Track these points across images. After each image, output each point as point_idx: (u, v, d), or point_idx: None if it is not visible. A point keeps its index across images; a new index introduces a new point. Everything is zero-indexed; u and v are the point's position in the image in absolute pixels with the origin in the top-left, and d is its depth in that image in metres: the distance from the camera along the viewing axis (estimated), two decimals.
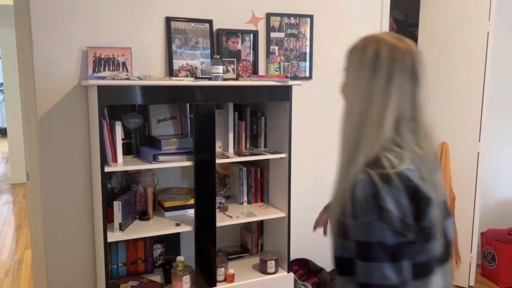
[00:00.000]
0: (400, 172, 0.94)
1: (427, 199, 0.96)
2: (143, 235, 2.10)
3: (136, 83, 1.95)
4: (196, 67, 2.45)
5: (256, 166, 2.55)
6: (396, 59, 0.99)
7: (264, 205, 2.52)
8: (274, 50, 2.66)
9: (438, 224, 0.98)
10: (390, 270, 0.92)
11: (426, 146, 1.00)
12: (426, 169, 0.98)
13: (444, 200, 1.03)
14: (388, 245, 0.91)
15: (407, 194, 0.93)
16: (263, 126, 2.53)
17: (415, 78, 0.99)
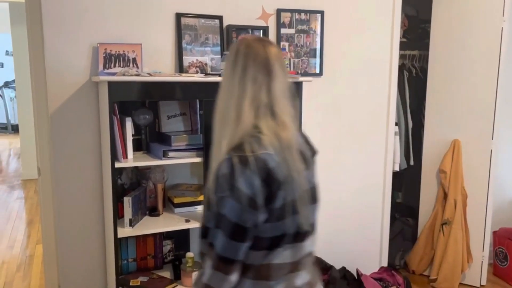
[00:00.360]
0: (258, 156, 1.07)
1: (280, 183, 1.08)
2: (153, 231, 2.10)
3: (146, 79, 1.95)
4: (206, 64, 2.45)
5: None
6: (250, 54, 1.13)
7: None
8: (284, 46, 2.64)
9: (291, 205, 1.11)
10: (225, 243, 1.08)
11: (286, 134, 1.12)
12: (288, 156, 1.10)
13: (313, 187, 1.20)
14: (229, 221, 1.06)
15: (260, 177, 1.06)
16: None
17: (269, 71, 1.13)
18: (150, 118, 2.21)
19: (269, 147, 1.09)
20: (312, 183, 1.23)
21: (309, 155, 1.24)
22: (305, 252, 1.18)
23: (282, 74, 1.16)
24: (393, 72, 2.97)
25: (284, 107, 1.14)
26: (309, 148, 1.28)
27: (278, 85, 1.14)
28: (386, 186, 3.07)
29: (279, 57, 1.17)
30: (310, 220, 1.19)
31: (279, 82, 1.14)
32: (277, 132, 1.11)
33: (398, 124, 3.28)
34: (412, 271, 3.33)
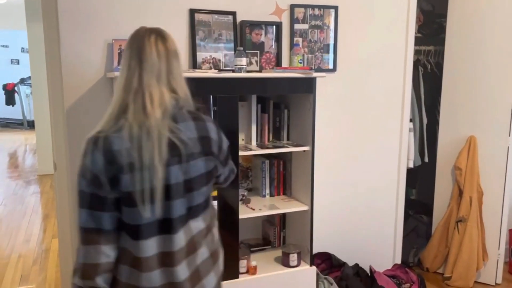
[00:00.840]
0: (107, 137, 1.16)
1: (122, 166, 1.15)
2: None
3: None
4: (220, 60, 2.45)
5: (278, 159, 2.54)
6: (130, 42, 1.25)
7: (286, 198, 2.51)
8: (298, 42, 2.63)
9: (142, 194, 1.15)
10: (87, 215, 1.16)
11: (150, 123, 1.16)
12: (144, 144, 1.16)
13: (171, 184, 1.19)
14: (85, 193, 1.16)
15: (104, 156, 1.15)
16: (286, 119, 2.51)
17: (141, 59, 1.20)
18: None
19: (124, 132, 1.16)
20: (189, 175, 1.23)
21: (191, 149, 1.23)
22: (178, 245, 1.23)
23: (159, 63, 1.21)
24: (407, 67, 2.94)
25: (155, 95, 1.19)
26: (201, 142, 1.26)
27: (150, 73, 1.20)
28: (400, 183, 3.04)
29: (161, 46, 1.23)
30: (176, 213, 1.22)
31: (151, 70, 1.20)
32: (140, 119, 1.17)
33: (412, 121, 3.25)
34: (426, 268, 3.30)
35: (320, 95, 2.70)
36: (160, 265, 1.22)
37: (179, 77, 1.28)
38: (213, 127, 1.32)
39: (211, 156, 1.30)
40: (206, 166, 1.28)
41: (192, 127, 1.25)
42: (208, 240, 1.33)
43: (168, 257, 1.23)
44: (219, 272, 1.38)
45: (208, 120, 1.32)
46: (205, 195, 1.32)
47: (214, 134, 1.31)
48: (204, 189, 1.30)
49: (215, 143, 1.31)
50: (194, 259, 1.28)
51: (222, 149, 1.35)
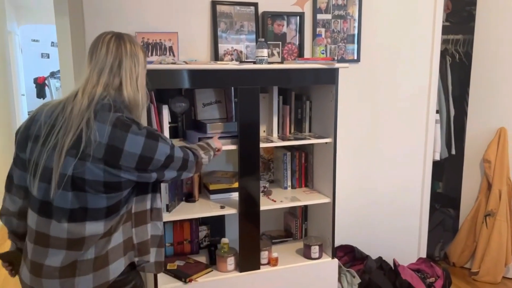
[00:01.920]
0: (41, 108, 1.36)
1: (28, 134, 1.33)
2: (189, 217, 2.14)
3: (182, 67, 1.97)
4: (241, 51, 2.45)
5: (300, 151, 2.53)
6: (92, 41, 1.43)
7: (308, 190, 2.50)
8: (320, 32, 2.60)
9: (32, 165, 1.31)
10: (11, 166, 1.41)
11: (69, 109, 1.29)
12: (53, 123, 1.30)
13: (60, 172, 1.26)
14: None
15: (27, 122, 1.36)
16: (308, 111, 2.49)
17: (91, 55, 1.38)
18: (186, 106, 2.24)
19: (52, 107, 1.33)
20: (82, 175, 1.27)
21: (91, 151, 1.26)
22: (56, 232, 1.31)
23: (105, 59, 1.35)
24: (434, 57, 2.86)
25: (89, 85, 1.33)
26: (107, 150, 1.27)
27: (94, 67, 1.35)
28: (425, 176, 2.98)
29: (113, 46, 1.37)
30: (59, 201, 1.29)
31: (95, 65, 1.35)
32: (67, 102, 1.32)
33: (439, 112, 3.17)
34: (453, 263, 3.24)
35: (343, 86, 2.67)
36: (34, 242, 1.34)
37: (130, 78, 1.37)
38: (136, 140, 1.30)
39: (116, 169, 1.29)
40: (104, 176, 1.28)
41: (106, 132, 1.26)
42: (100, 244, 1.35)
43: (43, 238, 1.32)
44: (101, 280, 1.36)
45: (134, 132, 1.30)
46: (108, 203, 1.33)
47: (134, 147, 1.30)
48: (103, 197, 1.31)
49: (131, 156, 1.29)
50: (73, 254, 1.32)
51: (152, 161, 1.34)
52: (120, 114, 1.32)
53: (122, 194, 1.36)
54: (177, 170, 1.47)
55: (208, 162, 1.69)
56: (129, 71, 1.37)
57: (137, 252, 1.45)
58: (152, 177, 1.39)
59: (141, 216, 1.47)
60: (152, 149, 1.33)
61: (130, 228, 1.43)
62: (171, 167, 1.43)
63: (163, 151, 1.36)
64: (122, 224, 1.41)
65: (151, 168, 1.35)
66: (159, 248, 1.53)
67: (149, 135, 1.33)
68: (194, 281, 2.12)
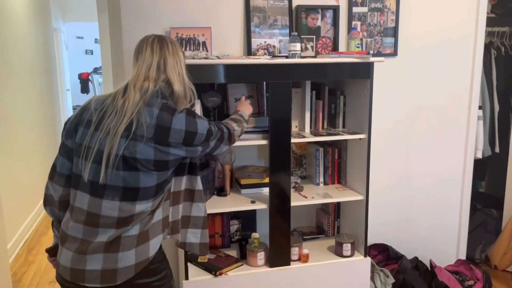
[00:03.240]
0: (94, 98, 1.47)
1: (80, 120, 1.43)
2: (219, 211, 2.16)
3: (215, 62, 1.98)
4: (274, 46, 2.43)
5: (333, 147, 2.49)
6: (136, 45, 1.54)
7: (341, 187, 2.46)
8: (356, 25, 2.54)
9: (84, 149, 1.39)
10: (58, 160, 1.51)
11: (119, 102, 1.40)
12: (105, 111, 1.41)
13: (111, 153, 1.35)
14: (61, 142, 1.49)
15: (80, 110, 1.46)
16: (342, 106, 2.44)
17: (138, 55, 1.51)
18: (218, 100, 2.25)
19: (102, 97, 1.45)
20: (134, 154, 1.36)
21: (142, 131, 1.36)
22: (104, 212, 1.39)
23: (151, 58, 1.47)
24: (477, 51, 2.73)
25: (139, 81, 1.43)
26: (156, 130, 1.37)
27: (142, 65, 1.47)
28: (466, 174, 2.86)
29: (157, 46, 1.49)
30: (108, 180, 1.37)
31: (143, 63, 1.47)
32: (117, 94, 1.42)
33: (482, 108, 3.03)
34: (494, 266, 3.10)
35: (379, 80, 2.60)
36: (85, 223, 1.40)
37: (175, 74, 1.49)
38: (180, 119, 1.41)
39: (166, 146, 1.39)
40: (155, 154, 1.38)
41: (154, 115, 1.38)
42: (145, 221, 1.44)
43: (94, 218, 1.40)
44: (142, 257, 1.43)
45: (177, 113, 1.42)
46: (158, 180, 1.43)
47: (179, 125, 1.41)
48: (153, 174, 1.40)
49: (178, 133, 1.40)
50: (120, 231, 1.40)
51: (196, 135, 1.45)
52: (166, 101, 1.44)
53: (167, 173, 1.46)
54: (216, 141, 1.58)
55: (241, 132, 1.80)
56: (173, 67, 1.50)
57: (169, 230, 1.56)
58: (198, 150, 1.50)
59: (176, 196, 1.57)
60: (194, 125, 1.45)
61: (168, 206, 1.54)
62: (211, 139, 1.54)
63: (203, 126, 1.49)
64: (163, 201, 1.51)
65: (196, 143, 1.46)
66: (203, 229, 1.63)
67: (189, 114, 1.46)
68: (224, 274, 2.13)
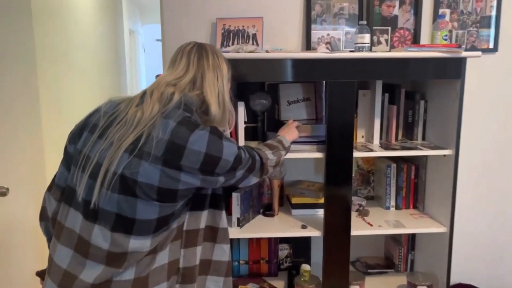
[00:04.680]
0: (104, 103, 1.23)
1: (86, 123, 1.19)
2: (261, 235, 1.80)
3: (260, 57, 1.63)
4: (339, 39, 2.03)
5: (409, 163, 2.02)
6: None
7: (417, 214, 1.98)
8: (444, 13, 2.05)
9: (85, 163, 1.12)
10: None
11: (135, 110, 1.13)
12: (112, 119, 1.15)
13: (109, 169, 1.07)
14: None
15: (87, 115, 1.23)
16: (422, 113, 1.97)
17: (171, 62, 1.31)
18: (267, 103, 1.90)
19: (116, 101, 1.21)
20: (134, 175, 1.07)
21: (150, 148, 1.07)
22: (94, 241, 1.10)
23: (187, 70, 1.24)
24: None
25: (158, 91, 1.17)
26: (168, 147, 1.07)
27: (169, 75, 1.23)
28: None
29: (195, 57, 1.26)
30: (102, 202, 1.09)
31: (172, 73, 1.24)
32: (132, 102, 1.17)
33: None
34: None
35: (472, 82, 2.08)
36: (75, 248, 1.12)
37: (213, 91, 1.24)
38: (201, 138, 1.10)
39: (176, 170, 1.08)
40: (160, 180, 1.07)
41: (169, 128, 1.09)
42: (143, 263, 1.13)
43: (84, 245, 1.10)
44: None
45: (199, 129, 1.12)
46: (160, 213, 1.11)
47: (199, 145, 1.10)
48: (154, 205, 1.09)
49: (195, 155, 1.09)
50: (110, 272, 1.09)
51: (220, 162, 1.13)
52: (189, 115, 1.15)
53: (175, 206, 1.13)
54: (244, 171, 1.23)
55: (279, 163, 1.41)
56: (212, 84, 1.25)
57: (180, 278, 1.20)
58: (218, 181, 1.17)
59: (192, 236, 1.23)
60: (218, 147, 1.13)
61: (179, 248, 1.20)
62: (239, 168, 1.21)
63: (231, 150, 1.16)
64: (170, 241, 1.18)
65: (218, 171, 1.14)
66: (226, 277, 1.30)
67: (213, 132, 1.14)
68: None
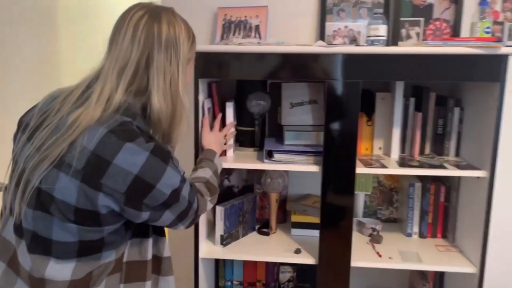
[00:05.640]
0: (49, 94, 1.00)
1: (21, 122, 0.99)
2: (243, 257, 1.56)
3: (244, 50, 1.39)
4: (359, 32, 1.72)
5: (438, 183, 1.66)
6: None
7: (444, 245, 1.62)
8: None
9: (13, 168, 0.96)
10: None
11: (80, 117, 0.89)
12: (50, 125, 0.92)
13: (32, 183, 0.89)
14: None
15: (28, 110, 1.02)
16: (457, 123, 1.61)
17: (111, 41, 0.97)
18: (266, 105, 1.65)
19: (55, 94, 0.99)
20: (51, 190, 0.88)
21: (71, 159, 0.86)
22: (20, 257, 0.93)
23: (131, 50, 0.93)
24: None
25: (107, 92, 0.92)
26: (89, 161, 0.86)
27: (113, 62, 0.94)
28: None
29: (145, 29, 0.94)
30: (23, 215, 0.92)
31: (116, 59, 0.94)
32: (71, 99, 0.94)
33: None
34: None
35: None
36: (8, 263, 0.95)
37: (162, 80, 0.94)
38: (135, 154, 0.87)
39: (95, 189, 0.86)
40: (77, 198, 0.86)
41: (97, 136, 0.87)
42: None
43: (15, 261, 0.94)
44: None
45: (136, 143, 0.88)
46: (80, 237, 0.90)
47: (129, 163, 0.87)
48: (71, 227, 0.89)
49: (121, 175, 0.86)
50: None
51: (152, 192, 0.90)
52: (129, 120, 0.91)
53: (102, 231, 0.92)
54: (174, 216, 0.99)
55: (213, 203, 1.18)
56: (161, 69, 0.95)
57: None
58: (140, 217, 0.93)
59: (136, 268, 1.01)
60: (157, 173, 0.90)
61: (117, 283, 0.99)
62: (171, 209, 0.96)
63: (171, 181, 0.93)
64: (106, 275, 0.97)
65: (147, 203, 0.91)
66: None
67: (156, 151, 0.90)
68: None
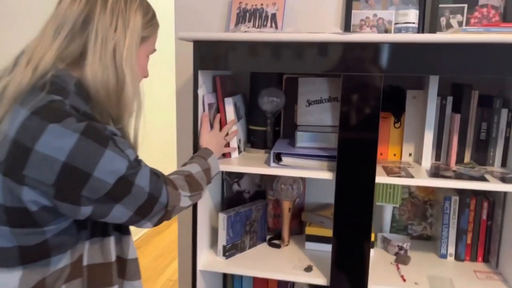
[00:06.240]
0: None
1: None
2: (247, 273, 1.39)
3: (247, 38, 1.23)
4: (390, 21, 1.51)
5: (480, 197, 1.41)
6: None
7: (484, 271, 1.37)
8: None
9: None
10: None
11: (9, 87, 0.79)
12: None
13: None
14: None
15: None
16: (504, 127, 1.35)
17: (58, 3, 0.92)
18: (279, 102, 1.48)
19: None
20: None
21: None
22: None
23: (70, 11, 0.82)
24: None
25: (39, 54, 0.81)
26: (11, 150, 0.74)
27: (51, 23, 0.84)
28: None
29: None
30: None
31: (54, 19, 0.84)
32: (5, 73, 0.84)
33: None
34: None
35: None
36: None
37: (100, 46, 0.83)
38: (61, 138, 0.74)
39: (17, 183, 0.75)
40: (4, 195, 0.76)
41: (17, 120, 0.75)
42: None
43: None
44: None
45: (62, 125, 0.74)
46: (20, 242, 0.79)
47: (55, 148, 0.74)
48: (5, 231, 0.78)
49: (46, 163, 0.74)
50: None
51: (89, 181, 0.76)
52: (59, 98, 0.79)
53: (44, 233, 0.81)
54: (133, 211, 0.84)
55: (198, 198, 1.06)
56: (102, 34, 0.83)
57: None
58: (79, 212, 0.80)
59: (99, 273, 0.90)
60: (90, 157, 0.76)
61: None
62: (124, 203, 0.82)
63: (113, 166, 0.78)
64: (64, 281, 0.86)
65: (86, 195, 0.78)
66: None
67: (88, 132, 0.76)
68: None
